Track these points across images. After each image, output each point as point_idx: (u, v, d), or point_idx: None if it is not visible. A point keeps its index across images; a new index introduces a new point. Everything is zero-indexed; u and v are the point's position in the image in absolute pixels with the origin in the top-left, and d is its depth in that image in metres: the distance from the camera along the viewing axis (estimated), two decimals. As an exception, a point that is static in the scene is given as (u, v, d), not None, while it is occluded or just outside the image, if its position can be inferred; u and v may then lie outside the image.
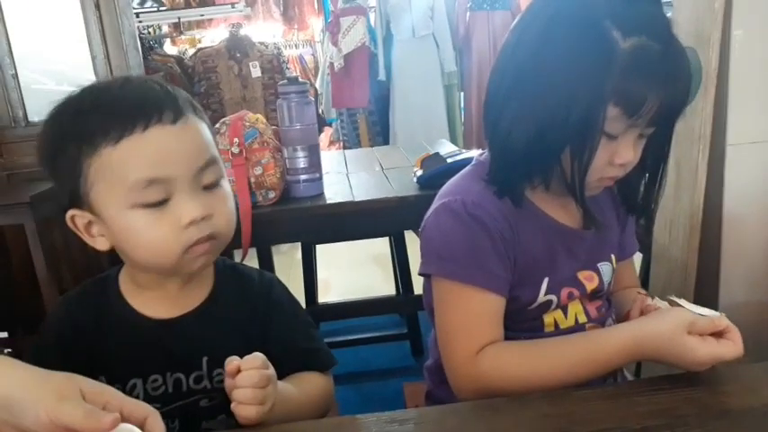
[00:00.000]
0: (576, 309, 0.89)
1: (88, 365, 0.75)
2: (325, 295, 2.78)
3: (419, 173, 1.63)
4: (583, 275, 0.88)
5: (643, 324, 0.77)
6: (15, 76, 2.57)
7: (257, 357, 0.69)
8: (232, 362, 0.68)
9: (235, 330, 0.81)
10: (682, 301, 0.78)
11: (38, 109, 2.60)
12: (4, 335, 2.55)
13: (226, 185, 0.77)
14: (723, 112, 1.43)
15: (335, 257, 3.24)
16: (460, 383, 0.82)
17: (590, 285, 0.89)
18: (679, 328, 0.73)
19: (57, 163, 0.73)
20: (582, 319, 0.89)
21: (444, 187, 0.90)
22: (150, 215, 0.71)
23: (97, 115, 0.70)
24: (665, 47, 0.73)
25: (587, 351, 0.78)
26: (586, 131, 0.75)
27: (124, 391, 0.75)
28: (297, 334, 0.85)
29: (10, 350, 0.63)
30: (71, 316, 0.81)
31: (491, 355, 0.79)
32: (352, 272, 3.36)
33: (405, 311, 2.35)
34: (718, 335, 0.74)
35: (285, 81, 1.61)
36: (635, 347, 0.76)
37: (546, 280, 0.85)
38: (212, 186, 0.74)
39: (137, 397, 0.76)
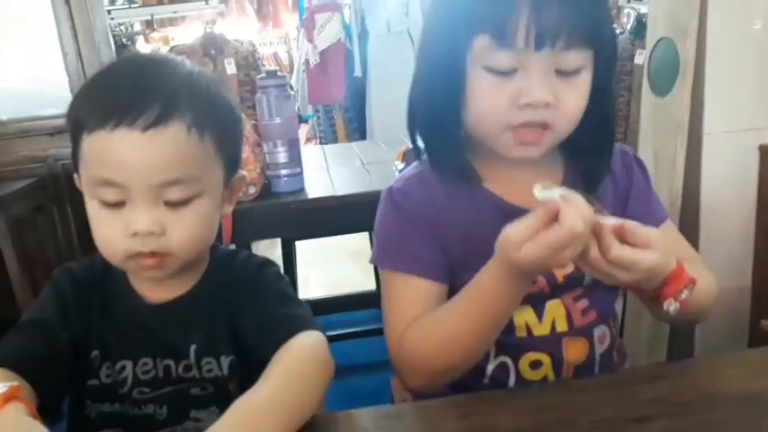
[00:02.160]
0: (554, 311, 0.83)
1: (83, 336, 0.76)
2: (306, 292, 2.76)
3: (400, 166, 1.62)
4: None
5: (495, 248, 0.70)
6: (-17, 74, 2.51)
7: None
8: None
9: (221, 317, 0.79)
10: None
11: (8, 107, 2.54)
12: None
13: (201, 207, 0.72)
14: (700, 102, 1.45)
15: (314, 254, 3.22)
16: (397, 367, 0.81)
17: (562, 272, 0.81)
18: (508, 247, 0.66)
19: (70, 125, 0.72)
20: (561, 326, 0.83)
21: None
22: (105, 212, 0.70)
23: (86, 100, 0.70)
24: None
25: (473, 289, 0.74)
26: (453, 66, 0.74)
27: (111, 373, 0.76)
28: (270, 306, 0.78)
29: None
30: (73, 282, 0.79)
31: (410, 331, 0.79)
32: (331, 268, 3.34)
33: (385, 306, 2.34)
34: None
35: (264, 75, 1.59)
36: (502, 272, 0.70)
37: None
38: (178, 204, 0.70)
39: (125, 379, 0.76)
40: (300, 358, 0.70)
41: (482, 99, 0.75)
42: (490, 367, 0.85)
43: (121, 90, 0.70)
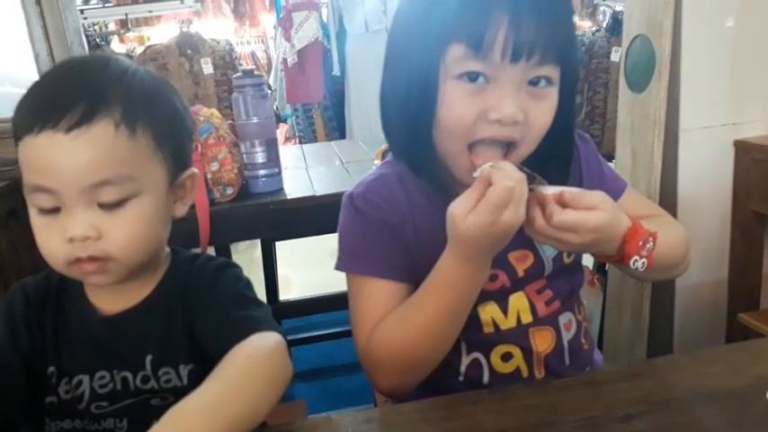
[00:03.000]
0: (518, 304, 0.85)
1: (39, 353, 0.74)
2: (286, 292, 2.74)
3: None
4: (514, 256, 0.83)
5: (448, 234, 0.72)
6: (-48, 75, 2.45)
7: None
8: None
9: (178, 325, 0.76)
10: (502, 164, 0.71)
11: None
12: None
13: (139, 207, 0.70)
14: (676, 99, 1.46)
15: (295, 254, 3.20)
16: (366, 369, 0.81)
17: (521, 266, 0.84)
18: (455, 221, 0.69)
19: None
20: (526, 318, 0.84)
21: None
22: (43, 219, 0.69)
23: (20, 106, 0.69)
24: None
25: (433, 280, 0.75)
26: (426, 75, 0.74)
27: (69, 388, 0.74)
28: (227, 308, 0.74)
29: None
30: (26, 300, 0.77)
31: (377, 331, 0.79)
32: (312, 268, 3.32)
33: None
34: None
35: (240, 74, 1.57)
36: (453, 253, 0.72)
37: None
38: (113, 206, 0.68)
39: (82, 394, 0.74)
40: (250, 360, 0.66)
41: (451, 111, 0.74)
42: (463, 365, 0.85)
43: (48, 93, 0.69)
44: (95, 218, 0.68)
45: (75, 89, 0.68)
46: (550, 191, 0.70)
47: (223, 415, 0.59)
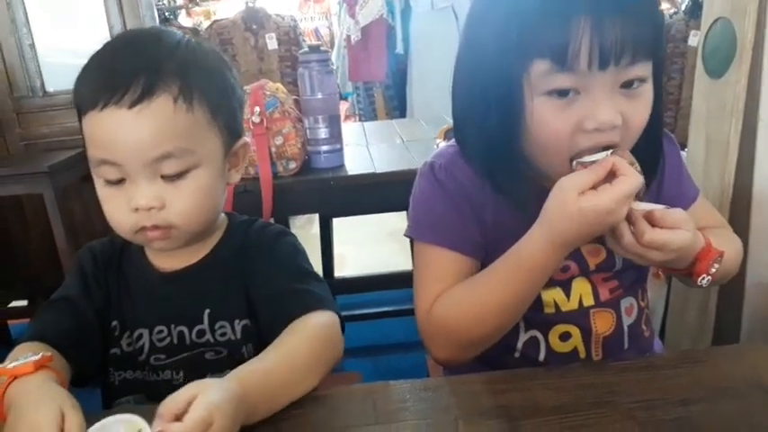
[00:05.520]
0: (581, 289, 0.84)
1: (104, 308, 0.80)
2: (341, 270, 2.78)
3: (442, 144, 1.60)
4: (587, 249, 0.82)
5: (542, 212, 0.71)
6: (32, 46, 2.55)
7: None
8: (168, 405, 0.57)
9: (235, 283, 0.81)
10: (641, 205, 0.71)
11: (56, 80, 2.59)
12: (24, 303, 2.58)
13: (199, 178, 0.73)
14: (757, 86, 1.39)
15: (352, 232, 3.23)
16: (425, 337, 0.82)
17: (594, 260, 0.83)
18: (567, 195, 0.67)
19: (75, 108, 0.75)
20: (588, 301, 0.83)
21: None
22: (109, 190, 0.73)
23: (80, 82, 0.73)
24: None
25: (510, 260, 0.74)
26: (508, 95, 0.71)
27: (131, 341, 0.80)
28: (287, 279, 0.79)
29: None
30: (94, 260, 0.83)
31: (440, 301, 0.79)
32: (368, 247, 3.35)
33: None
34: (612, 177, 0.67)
35: (306, 49, 1.58)
36: (545, 234, 0.70)
37: None
38: (175, 178, 0.72)
39: (142, 347, 0.79)
40: (312, 335, 0.72)
41: (544, 127, 0.70)
42: (520, 342, 0.85)
43: (108, 69, 0.72)
44: (158, 189, 0.71)
45: (133, 64, 0.70)
46: (641, 207, 0.69)
47: (278, 380, 0.67)
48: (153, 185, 0.71)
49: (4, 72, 2.50)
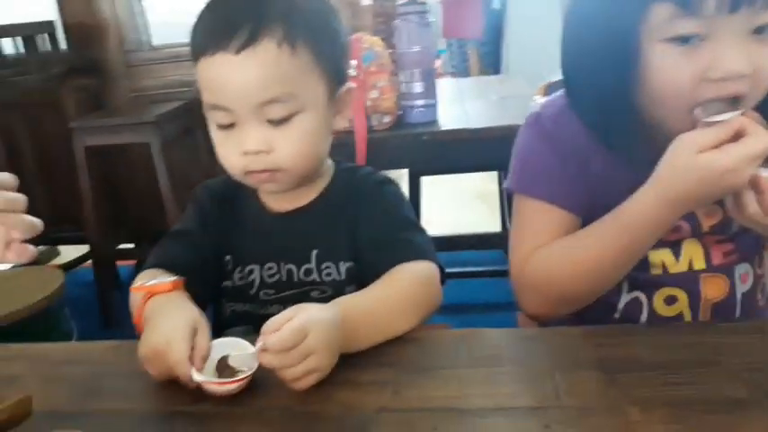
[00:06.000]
0: (692, 251, 0.80)
1: (219, 243, 0.85)
2: (428, 229, 2.77)
3: (541, 101, 1.55)
4: (702, 210, 0.78)
5: (657, 169, 0.67)
6: (140, 1, 2.66)
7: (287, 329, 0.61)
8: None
9: (342, 226, 0.83)
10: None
11: (160, 35, 2.70)
12: (131, 246, 2.75)
13: (304, 123, 0.75)
14: None
15: (440, 192, 3.22)
16: (517, 291, 0.80)
17: (708, 221, 0.78)
18: (686, 151, 0.63)
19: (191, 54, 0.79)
20: (699, 264, 0.79)
21: None
22: (221, 133, 0.76)
23: (195, 29, 0.76)
24: None
25: (617, 217, 0.71)
26: (624, 42, 0.66)
27: (242, 275, 0.84)
28: (392, 226, 0.81)
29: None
30: (211, 197, 0.88)
31: (536, 255, 0.77)
32: (455, 208, 3.33)
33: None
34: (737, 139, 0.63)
35: (405, 0, 1.56)
36: (658, 191, 0.67)
37: None
38: (281, 122, 0.74)
39: (252, 281, 0.84)
40: (412, 281, 0.75)
41: (663, 76, 0.66)
42: (622, 302, 0.82)
43: (216, 16, 0.74)
44: (266, 133, 0.74)
45: (241, 11, 0.73)
46: (766, 173, 0.63)
47: (376, 316, 0.70)
48: (261, 130, 0.74)
49: (116, 26, 2.63)
